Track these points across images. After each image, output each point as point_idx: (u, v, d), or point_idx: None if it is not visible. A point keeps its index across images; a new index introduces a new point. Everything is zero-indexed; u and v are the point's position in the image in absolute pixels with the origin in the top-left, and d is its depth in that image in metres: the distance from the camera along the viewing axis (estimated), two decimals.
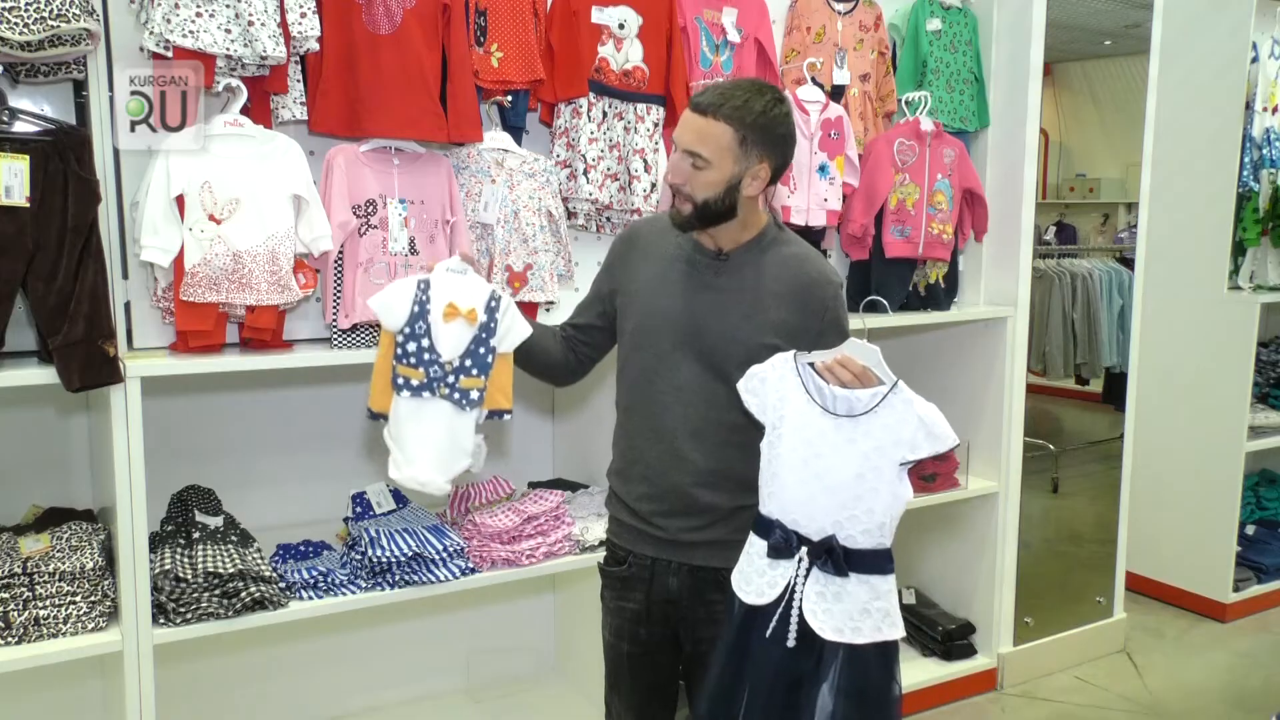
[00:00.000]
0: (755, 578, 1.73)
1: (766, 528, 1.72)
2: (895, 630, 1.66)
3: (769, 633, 1.69)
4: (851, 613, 1.64)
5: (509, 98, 2.49)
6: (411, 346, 1.89)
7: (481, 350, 1.93)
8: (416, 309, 1.90)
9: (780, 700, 1.69)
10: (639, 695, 2.04)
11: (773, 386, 1.73)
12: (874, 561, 1.65)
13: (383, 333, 1.93)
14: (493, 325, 1.93)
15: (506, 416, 2.02)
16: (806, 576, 1.67)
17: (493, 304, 1.93)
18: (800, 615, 1.66)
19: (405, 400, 1.91)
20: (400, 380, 1.91)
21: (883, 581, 1.65)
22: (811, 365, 1.70)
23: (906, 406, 1.63)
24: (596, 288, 2.08)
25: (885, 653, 1.67)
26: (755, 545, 1.75)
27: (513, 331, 1.96)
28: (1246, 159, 3.96)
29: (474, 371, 1.93)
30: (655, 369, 1.91)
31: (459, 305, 1.90)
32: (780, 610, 1.68)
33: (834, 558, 1.64)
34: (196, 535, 2.23)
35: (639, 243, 2.02)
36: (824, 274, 1.94)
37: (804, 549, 1.67)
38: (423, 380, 1.91)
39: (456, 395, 1.93)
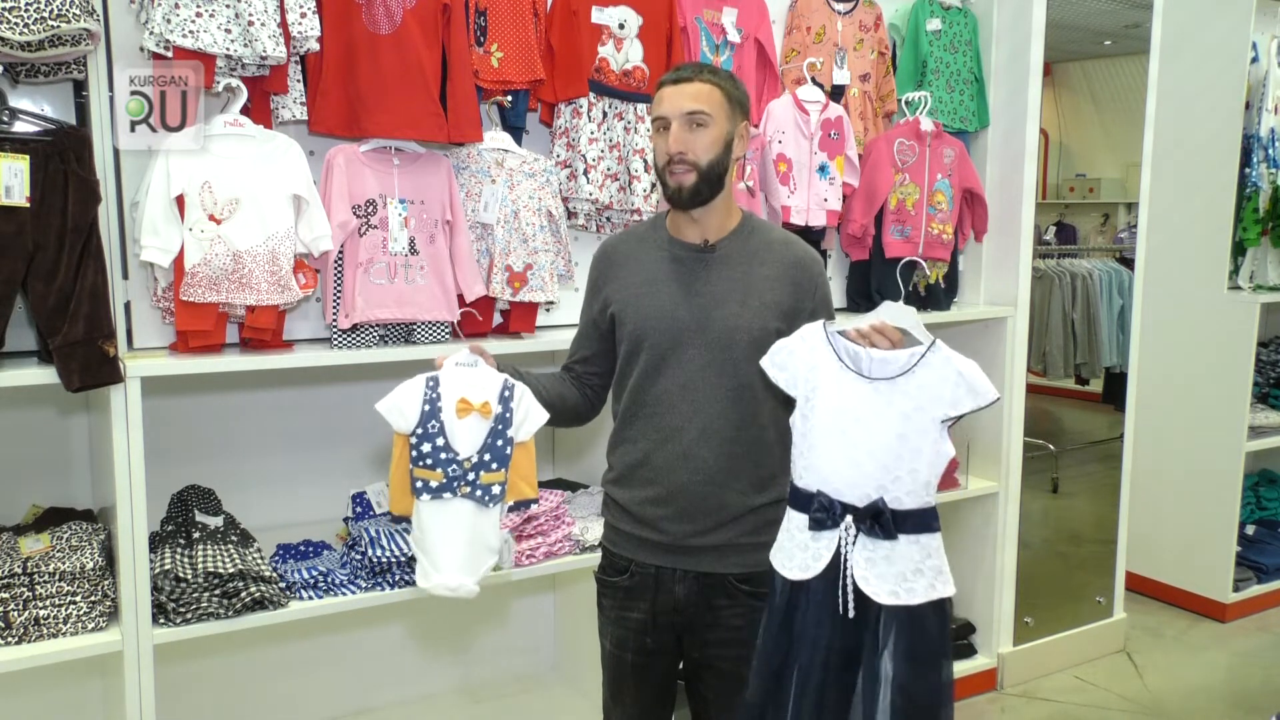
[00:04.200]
0: (798, 553, 1.69)
1: (805, 500, 1.69)
2: (948, 587, 1.64)
3: (819, 607, 1.67)
4: (905, 574, 1.62)
5: (509, 98, 2.49)
6: (426, 448, 1.83)
7: (499, 443, 1.87)
8: (428, 408, 1.83)
9: (836, 677, 1.67)
10: (642, 704, 2.02)
11: (802, 358, 1.70)
12: (922, 520, 1.63)
13: (395, 436, 1.85)
14: (508, 416, 1.87)
15: (534, 505, 1.96)
16: (854, 544, 1.64)
17: (506, 394, 1.87)
18: (853, 583, 1.64)
19: (426, 504, 1.86)
20: (419, 484, 1.85)
21: (932, 539, 1.64)
22: (842, 333, 1.68)
23: (945, 364, 1.61)
24: (587, 315, 2.04)
25: (940, 610, 1.65)
26: (794, 520, 1.71)
27: (529, 419, 1.89)
28: (1254, 158, 3.96)
29: (494, 466, 1.87)
30: (658, 369, 1.89)
31: (471, 400, 1.85)
32: (829, 582, 1.66)
33: (882, 522, 1.62)
34: (196, 535, 2.23)
35: (616, 255, 1.99)
36: (810, 254, 1.97)
37: (849, 516, 1.65)
38: (442, 481, 1.85)
39: (479, 493, 1.87)
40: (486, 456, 1.86)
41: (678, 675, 2.04)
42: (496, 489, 1.88)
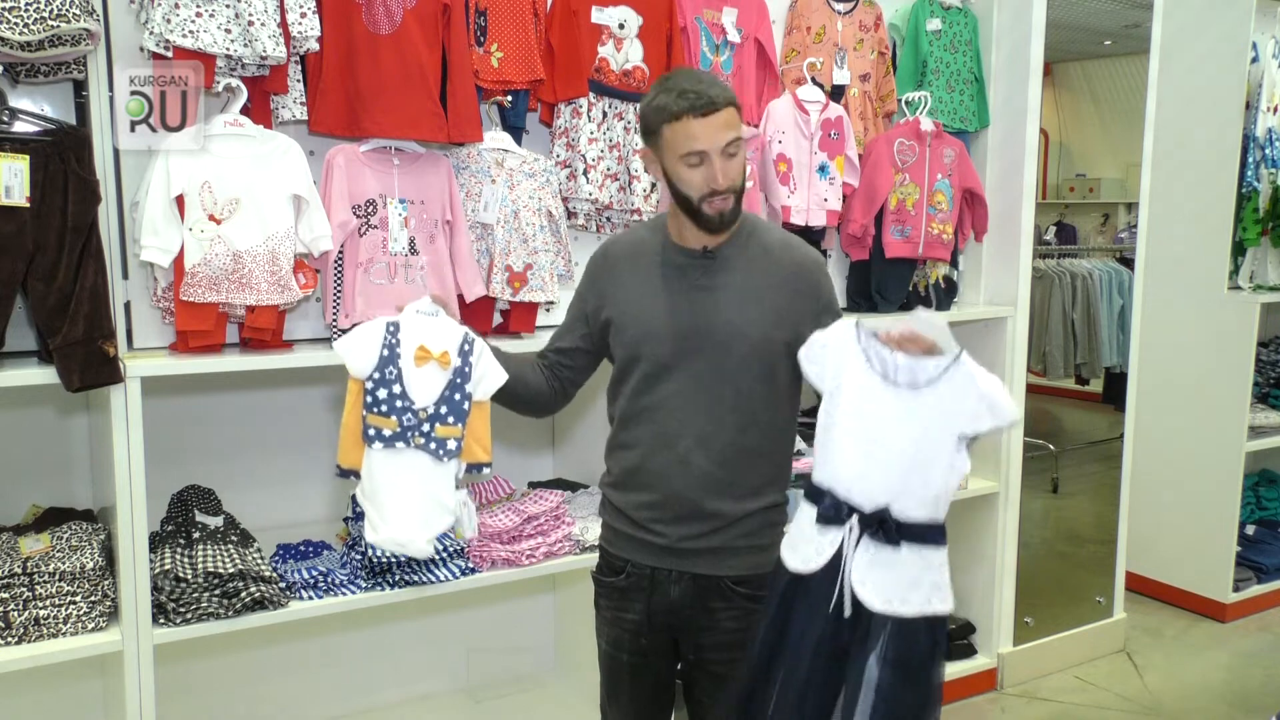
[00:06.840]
0: (802, 544, 1.69)
1: (817, 495, 1.68)
2: (945, 604, 1.63)
3: (814, 602, 1.66)
4: (902, 583, 1.61)
5: (509, 98, 2.49)
6: (382, 393, 1.78)
7: (457, 396, 1.81)
8: (386, 353, 1.79)
9: (822, 673, 1.66)
10: (638, 704, 2.02)
11: (833, 353, 1.69)
12: (927, 532, 1.62)
13: (350, 381, 1.80)
14: (467, 370, 1.82)
15: (486, 470, 1.91)
16: (857, 545, 1.63)
17: (466, 347, 1.82)
18: (850, 585, 1.63)
19: (378, 452, 1.80)
20: (371, 431, 1.79)
21: (935, 553, 1.62)
22: (875, 335, 1.67)
23: (968, 380, 1.59)
24: (576, 310, 2.02)
25: (933, 627, 1.64)
26: (805, 512, 1.70)
27: (488, 377, 1.85)
28: (1250, 158, 3.96)
29: (450, 419, 1.82)
30: (657, 376, 1.88)
31: (431, 348, 1.80)
32: (828, 579, 1.65)
33: (886, 527, 1.61)
34: (196, 535, 2.23)
35: (615, 259, 1.98)
36: (810, 257, 1.95)
37: (854, 518, 1.63)
38: (396, 430, 1.79)
39: (433, 445, 1.81)
40: (443, 409, 1.81)
41: (675, 676, 2.03)
42: (452, 444, 1.82)
